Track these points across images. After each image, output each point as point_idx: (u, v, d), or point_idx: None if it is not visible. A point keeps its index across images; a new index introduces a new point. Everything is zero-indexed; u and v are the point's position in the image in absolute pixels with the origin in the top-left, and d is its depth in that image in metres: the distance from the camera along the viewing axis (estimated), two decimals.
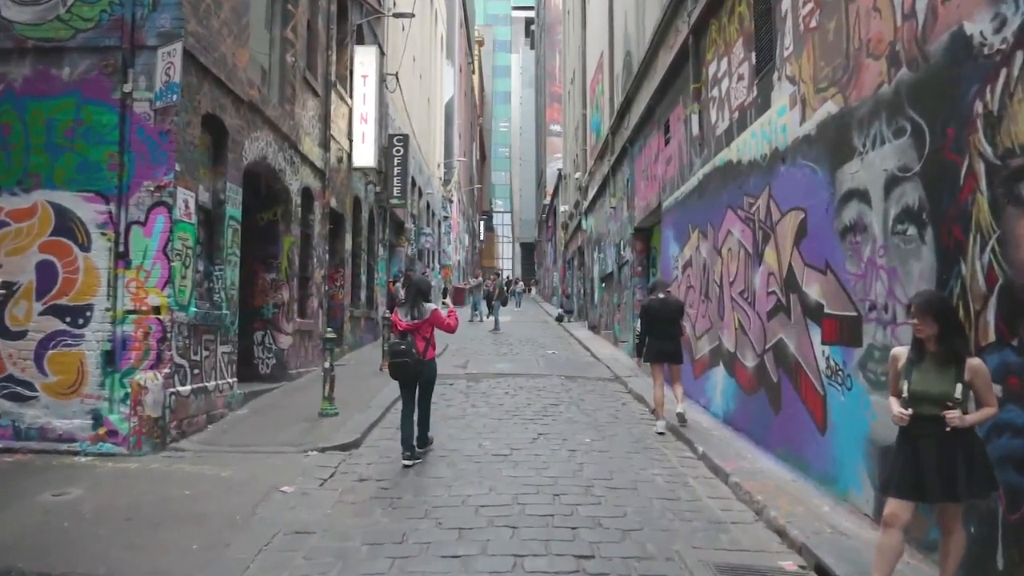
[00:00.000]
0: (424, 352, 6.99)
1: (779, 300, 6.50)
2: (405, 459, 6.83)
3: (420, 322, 7.00)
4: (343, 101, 14.19)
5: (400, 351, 6.97)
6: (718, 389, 8.42)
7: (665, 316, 7.98)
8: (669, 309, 8.02)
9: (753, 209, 7.22)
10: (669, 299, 8.17)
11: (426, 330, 7.05)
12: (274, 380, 10.57)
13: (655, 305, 8.06)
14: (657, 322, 7.98)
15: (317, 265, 12.47)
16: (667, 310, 8.00)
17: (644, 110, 12.55)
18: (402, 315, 7.14)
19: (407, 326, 7.04)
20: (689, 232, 9.78)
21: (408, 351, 6.89)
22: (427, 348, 7.02)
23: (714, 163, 8.59)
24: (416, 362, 6.91)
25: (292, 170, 10.96)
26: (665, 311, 7.99)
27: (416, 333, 7.02)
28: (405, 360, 6.94)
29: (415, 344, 6.93)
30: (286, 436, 7.44)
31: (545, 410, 9.05)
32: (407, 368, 6.92)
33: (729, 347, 8.01)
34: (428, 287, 7.31)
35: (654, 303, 8.09)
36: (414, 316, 7.02)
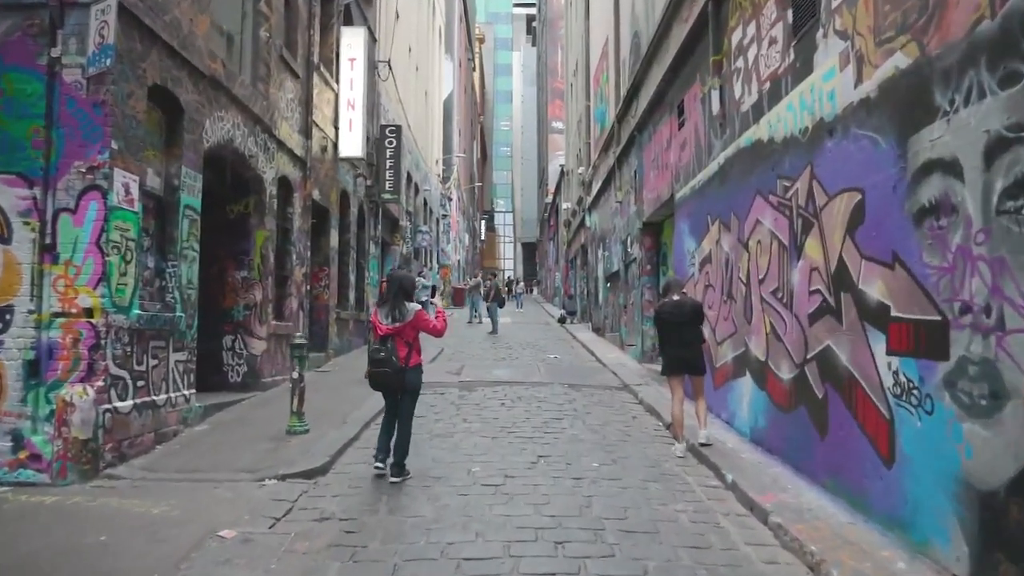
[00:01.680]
0: (407, 359, 6.02)
1: (825, 300, 5.42)
2: (377, 467, 6.00)
3: (402, 325, 6.00)
4: (328, 86, 13.14)
5: (379, 358, 6.00)
6: (744, 402, 7.35)
7: (681, 321, 6.92)
8: (685, 312, 6.96)
9: (789, 194, 6.14)
10: (685, 301, 7.11)
11: (409, 334, 6.05)
12: (245, 389, 9.51)
13: (669, 309, 7.01)
14: (673, 328, 6.93)
15: (297, 262, 11.42)
16: (683, 314, 6.95)
17: (654, 93, 11.47)
18: (382, 317, 6.14)
19: (387, 329, 6.04)
20: (708, 224, 8.71)
21: (387, 358, 5.94)
22: (410, 354, 6.05)
23: (738, 144, 7.52)
24: (397, 371, 5.95)
25: (266, 157, 9.91)
26: (681, 315, 6.94)
27: (398, 337, 6.04)
28: (384, 369, 5.97)
29: (396, 350, 5.99)
30: (244, 459, 6.38)
31: (546, 425, 7.98)
32: (386, 378, 5.98)
33: (758, 355, 6.93)
34: (411, 285, 6.28)
35: (668, 306, 7.04)
36: (395, 318, 6.02)
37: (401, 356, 6.00)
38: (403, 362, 6.01)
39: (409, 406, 6.17)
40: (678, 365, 6.95)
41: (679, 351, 6.91)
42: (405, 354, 6.02)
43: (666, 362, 7.03)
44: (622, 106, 14.91)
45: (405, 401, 6.16)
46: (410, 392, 6.13)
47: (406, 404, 6.16)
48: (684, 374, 6.99)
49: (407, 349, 6.04)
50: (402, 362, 6.01)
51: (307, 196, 11.78)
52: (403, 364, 6.01)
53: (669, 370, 7.01)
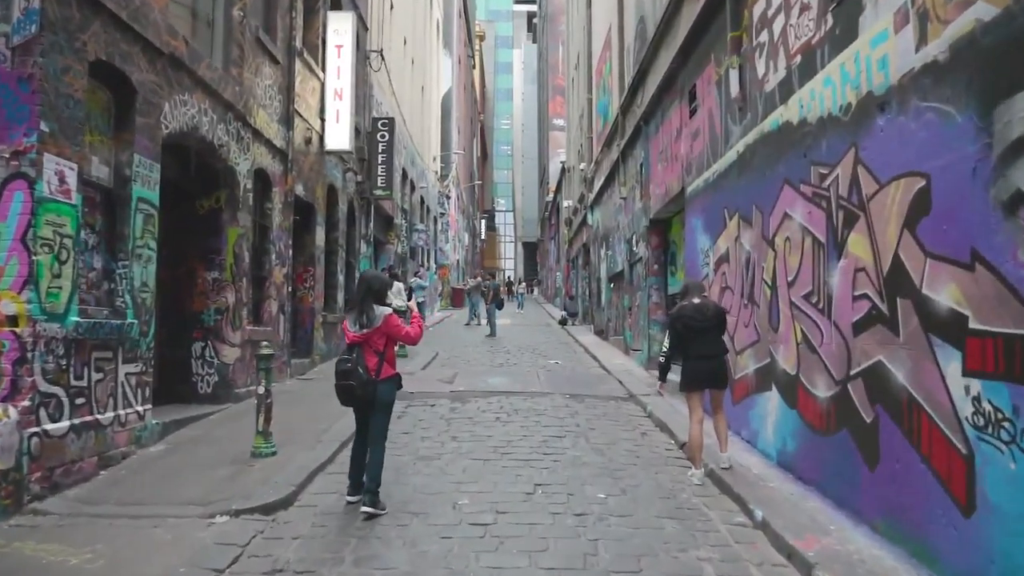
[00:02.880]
0: (377, 370, 5.24)
1: (874, 307, 4.57)
2: (349, 500, 5.27)
3: (370, 331, 5.21)
4: (312, 74, 12.29)
5: (344, 370, 5.25)
6: (769, 421, 6.49)
7: (704, 327, 6.08)
8: (708, 317, 6.12)
9: (827, 182, 5.29)
10: (707, 305, 6.26)
11: (378, 341, 5.27)
12: (216, 401, 8.67)
13: (690, 313, 6.15)
14: (694, 335, 6.09)
15: (277, 262, 10.57)
16: (706, 319, 6.11)
17: (663, 79, 10.61)
18: (350, 323, 5.35)
19: (355, 337, 5.28)
20: (725, 219, 7.86)
21: (354, 369, 5.19)
22: (380, 365, 5.26)
23: (761, 129, 6.67)
24: (364, 384, 5.18)
25: (239, 147, 9.06)
26: (704, 320, 6.10)
27: (366, 345, 5.26)
28: (349, 382, 5.21)
29: (364, 360, 5.22)
30: (196, 489, 5.53)
31: (545, 445, 7.13)
32: (353, 392, 5.22)
33: (787, 367, 6.08)
34: (382, 285, 5.46)
35: (688, 310, 6.18)
36: (362, 324, 5.25)
37: (370, 367, 5.21)
38: (372, 373, 5.21)
39: (381, 425, 5.36)
40: (699, 378, 6.10)
41: (700, 362, 6.07)
42: (375, 364, 5.23)
43: (685, 375, 6.18)
44: (626, 96, 14.05)
45: (376, 419, 5.35)
46: (381, 408, 5.32)
47: (377, 422, 5.35)
48: (705, 389, 6.14)
49: (377, 359, 5.24)
50: (371, 373, 5.21)
51: (288, 191, 10.93)
52: (372, 376, 5.21)
53: (689, 384, 6.16)
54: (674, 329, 6.22)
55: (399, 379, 5.44)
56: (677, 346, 6.18)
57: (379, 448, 5.32)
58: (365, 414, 5.41)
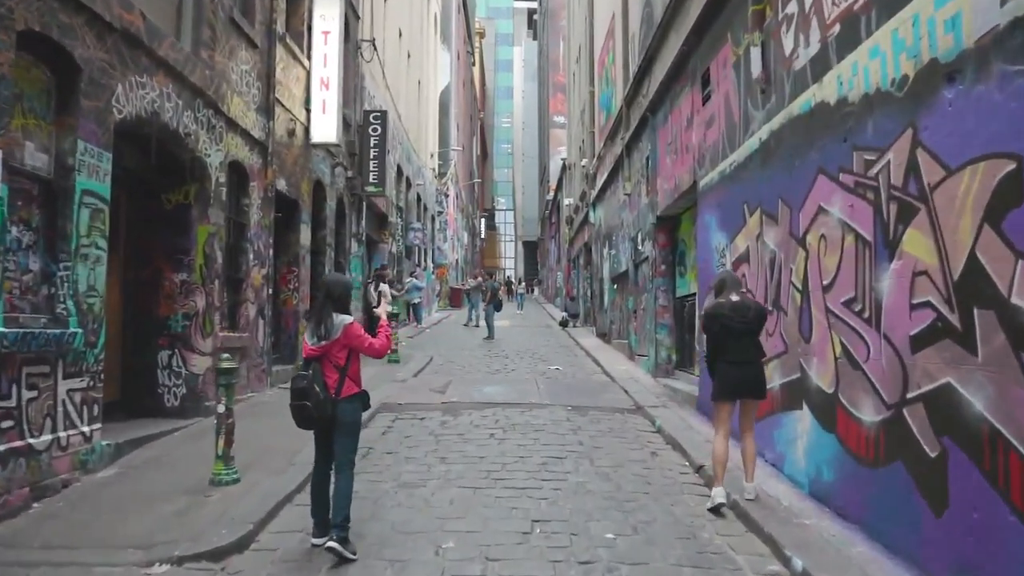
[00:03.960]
0: (337, 388, 4.50)
1: (940, 318, 3.79)
2: (314, 542, 4.51)
3: (329, 343, 4.49)
4: (297, 61, 11.51)
5: (299, 388, 4.49)
6: (799, 444, 5.71)
7: (744, 328, 5.26)
8: (749, 318, 5.28)
9: (874, 170, 4.51)
10: (747, 303, 5.39)
11: (339, 354, 4.54)
12: (184, 416, 7.89)
13: (728, 312, 5.28)
14: (732, 337, 5.25)
15: (255, 263, 9.79)
16: (746, 319, 5.27)
17: (672, 65, 9.83)
18: (308, 334, 4.59)
19: (312, 350, 4.54)
20: (744, 214, 7.07)
21: (310, 388, 4.43)
22: (341, 382, 4.52)
23: (789, 112, 5.89)
24: (321, 404, 4.43)
25: (210, 137, 8.28)
26: (744, 321, 5.26)
27: (325, 360, 4.52)
28: (303, 403, 4.46)
29: (322, 376, 4.48)
30: (139, 527, 4.75)
31: (544, 468, 6.35)
32: (307, 413, 4.47)
33: (821, 384, 5.29)
34: (344, 290, 4.72)
35: (726, 309, 5.30)
36: (320, 335, 4.50)
37: (329, 384, 4.48)
38: (332, 391, 4.48)
39: (346, 450, 4.62)
40: (734, 387, 5.28)
41: (735, 368, 5.25)
42: (335, 381, 4.49)
43: (718, 383, 5.34)
44: (631, 86, 13.27)
45: (340, 444, 4.61)
46: (344, 432, 4.57)
47: (342, 448, 4.61)
48: (738, 400, 5.35)
49: (337, 375, 4.51)
50: (331, 391, 4.48)
51: (268, 185, 10.15)
52: (332, 394, 4.47)
53: (722, 393, 5.33)
54: (710, 331, 5.38)
55: (365, 397, 4.68)
56: (715, 349, 5.36)
57: (346, 477, 4.57)
58: (327, 439, 4.66)
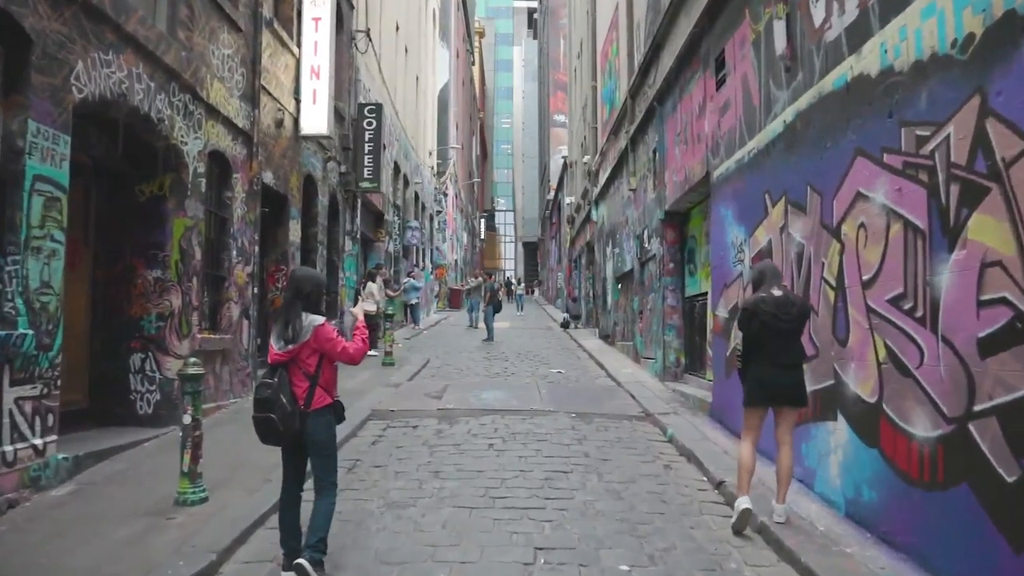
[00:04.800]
0: (307, 398, 3.91)
1: (1020, 316, 3.20)
2: (284, 569, 3.89)
3: (298, 347, 3.90)
4: (285, 48, 10.92)
5: (262, 398, 3.88)
6: (833, 459, 5.11)
7: (788, 327, 4.67)
8: (792, 316, 4.68)
9: (930, 147, 3.92)
10: (790, 300, 4.76)
11: (309, 360, 3.95)
12: (158, 424, 7.29)
13: (769, 308, 4.66)
14: (773, 337, 4.65)
15: (239, 260, 9.19)
16: (790, 317, 4.67)
17: (682, 49, 9.25)
18: (273, 337, 4.00)
19: (278, 355, 3.94)
20: (766, 205, 6.48)
21: (274, 399, 3.83)
22: (311, 391, 3.92)
23: (820, 89, 5.30)
24: (288, 417, 3.84)
25: (187, 124, 7.69)
26: (787, 318, 4.66)
27: (293, 366, 3.93)
28: (267, 415, 3.85)
29: (289, 385, 3.89)
30: (86, 558, 4.15)
31: (548, 484, 5.75)
32: (272, 428, 3.86)
33: (861, 393, 4.70)
34: (315, 286, 4.13)
35: (768, 304, 4.68)
36: (287, 338, 3.91)
37: (297, 394, 3.90)
38: (301, 403, 3.90)
39: (323, 469, 4.04)
40: (771, 393, 4.70)
41: (776, 372, 4.65)
42: (304, 391, 3.91)
43: (753, 387, 4.75)
44: (637, 77, 12.68)
45: (315, 463, 4.04)
46: (317, 450, 3.99)
47: (318, 467, 4.04)
48: (774, 407, 4.75)
49: (307, 384, 3.92)
50: (299, 403, 3.90)
51: (254, 178, 9.55)
52: (301, 406, 3.90)
53: (756, 399, 4.75)
54: (748, 329, 4.74)
55: (339, 409, 4.09)
56: (751, 350, 4.76)
57: (327, 498, 4.01)
58: (296, 456, 4.06)
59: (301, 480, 4.15)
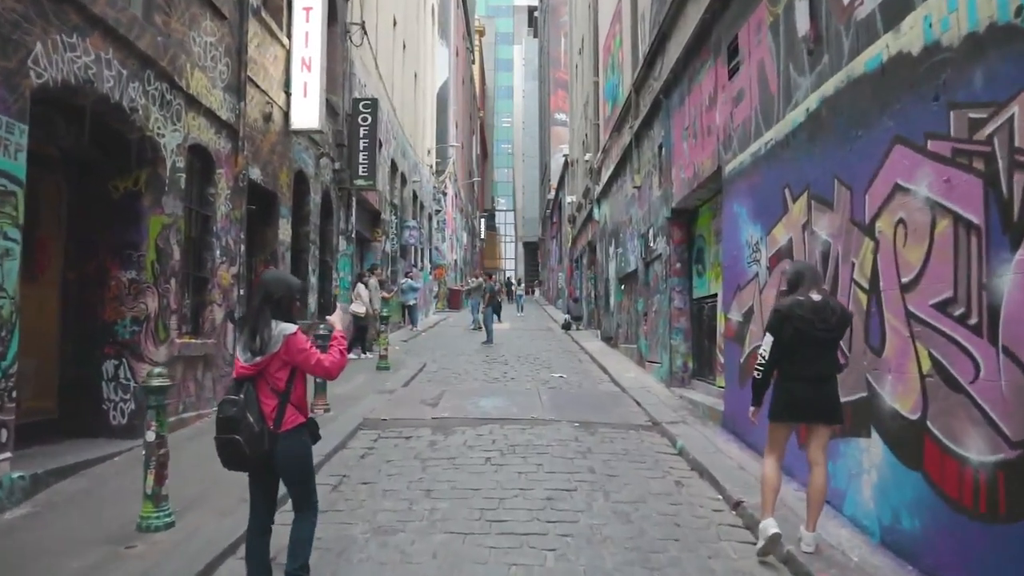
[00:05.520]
0: (276, 418, 3.43)
1: None
2: None
3: (264, 359, 3.42)
4: (275, 39, 10.44)
5: (226, 417, 3.40)
6: (866, 480, 4.62)
7: (826, 336, 4.17)
8: (829, 323, 4.16)
9: (986, 131, 3.44)
10: (830, 306, 4.22)
11: (278, 375, 3.47)
12: (133, 435, 6.76)
13: (806, 314, 4.15)
14: (808, 345, 4.16)
15: (223, 260, 8.71)
16: (828, 325, 4.16)
17: (691, 38, 8.77)
18: (239, 348, 3.52)
19: (244, 369, 3.46)
20: (786, 201, 6.00)
21: (239, 418, 3.35)
22: (282, 410, 3.45)
23: (850, 73, 4.82)
24: (255, 439, 3.36)
25: (165, 114, 7.20)
26: (826, 326, 4.15)
27: (261, 381, 3.45)
28: (231, 437, 3.36)
29: (257, 402, 3.40)
30: None
31: (550, 505, 5.26)
32: (237, 451, 3.37)
33: (900, 408, 4.21)
34: (287, 291, 3.65)
35: (805, 310, 4.17)
36: (254, 349, 3.43)
37: (266, 413, 3.42)
38: (270, 423, 3.42)
39: (300, 496, 3.59)
40: (802, 408, 4.22)
41: (809, 386, 4.17)
42: (273, 409, 3.43)
43: (781, 400, 4.26)
44: (642, 69, 12.19)
45: (291, 491, 3.57)
46: (292, 478, 3.54)
47: (295, 494, 3.59)
48: (804, 423, 4.28)
49: (276, 401, 3.44)
50: (268, 423, 3.42)
51: (239, 174, 9.06)
52: (270, 426, 3.42)
53: (784, 413, 4.26)
54: (777, 334, 4.23)
55: (313, 428, 3.61)
56: (779, 360, 4.26)
57: (306, 520, 3.60)
58: (264, 481, 3.59)
59: (272, 508, 3.68)
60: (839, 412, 4.26)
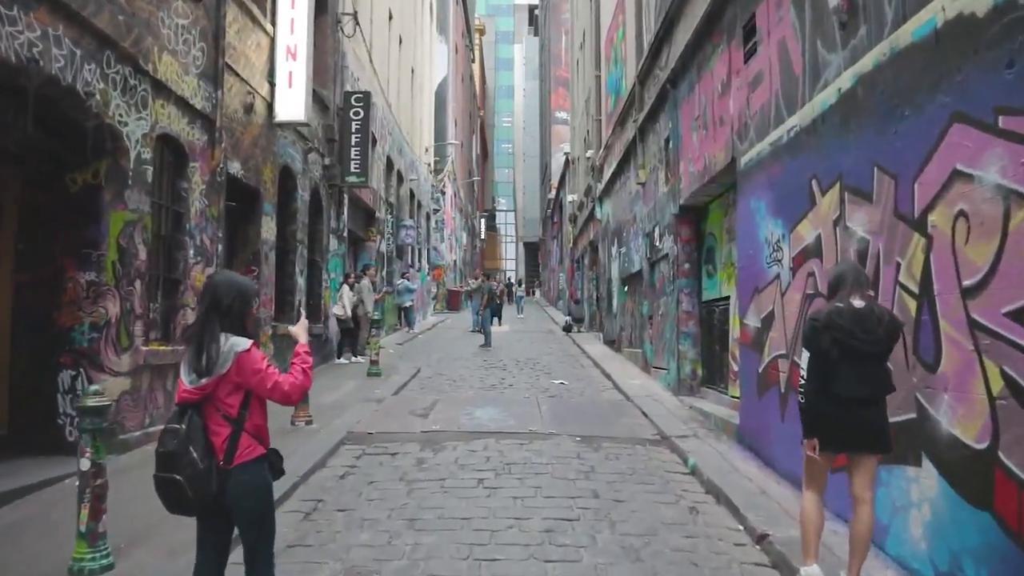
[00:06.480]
0: (228, 451, 2.81)
1: None
2: None
3: (213, 381, 2.80)
4: (258, 26, 9.83)
5: (166, 453, 2.76)
6: (916, 516, 3.98)
7: (873, 350, 3.51)
8: (875, 334, 3.50)
9: None
10: (875, 312, 3.58)
11: (229, 400, 2.85)
12: None
13: (846, 324, 3.50)
14: (845, 360, 3.50)
15: (197, 260, 8.08)
16: (873, 337, 3.50)
17: (702, 20, 8.14)
18: (183, 369, 2.87)
19: (188, 392, 2.83)
20: (813, 194, 5.36)
21: (180, 454, 2.73)
22: (235, 441, 2.82)
23: (894, 43, 4.19)
24: (200, 478, 2.74)
25: (127, 101, 6.58)
26: (868, 339, 3.49)
27: (210, 407, 2.83)
28: (171, 476, 2.73)
29: (204, 433, 2.79)
30: None
31: (550, 539, 4.62)
32: (178, 493, 2.75)
33: (961, 434, 3.58)
34: (239, 297, 3.01)
35: (841, 318, 3.53)
36: (200, 369, 2.81)
37: (215, 445, 2.81)
38: (220, 457, 2.80)
39: (257, 543, 2.95)
40: (845, 435, 3.57)
41: (852, 408, 3.52)
42: (224, 440, 2.81)
43: (819, 425, 3.60)
44: (647, 60, 11.56)
45: (244, 537, 2.95)
46: (246, 519, 2.91)
47: (249, 541, 2.96)
48: (847, 452, 3.64)
49: (229, 430, 2.82)
50: (218, 457, 2.80)
51: (217, 168, 8.43)
52: (220, 461, 2.80)
53: (826, 442, 3.60)
54: (817, 347, 3.57)
55: (275, 460, 2.99)
56: (826, 376, 3.57)
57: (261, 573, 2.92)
58: (215, 524, 2.96)
59: (224, 553, 3.05)
60: (888, 440, 3.63)
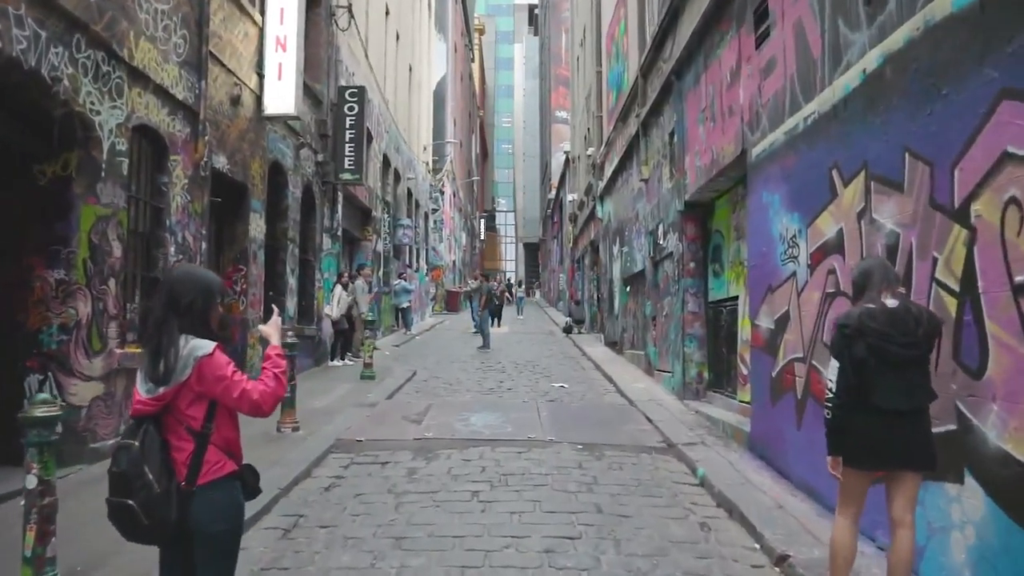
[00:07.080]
0: (192, 470, 2.40)
1: None
2: None
3: (172, 390, 2.40)
4: (245, 14, 9.43)
5: (119, 474, 2.34)
6: (958, 538, 3.58)
7: (909, 354, 3.14)
8: (914, 335, 3.14)
9: None
10: (909, 311, 3.21)
11: (191, 411, 2.44)
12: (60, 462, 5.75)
13: (879, 327, 3.13)
14: (881, 367, 3.13)
15: (177, 258, 7.67)
16: (911, 338, 3.13)
17: (709, 7, 7.74)
18: (140, 378, 2.46)
19: (144, 404, 2.42)
20: (834, 184, 4.96)
21: (133, 476, 2.30)
22: (199, 458, 2.42)
23: (928, 17, 3.79)
24: (156, 502, 2.32)
25: (100, 88, 6.18)
26: (905, 341, 3.12)
27: (171, 419, 2.43)
28: (123, 501, 2.31)
29: (161, 450, 2.37)
30: None
31: (548, 559, 4.22)
32: (132, 519, 2.32)
33: (1013, 449, 3.17)
34: (200, 294, 2.59)
35: (873, 320, 3.17)
36: (157, 377, 2.39)
37: (177, 461, 2.42)
38: (182, 477, 2.40)
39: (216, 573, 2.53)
40: (883, 451, 3.18)
41: (890, 422, 3.13)
42: (186, 457, 2.42)
43: (855, 441, 3.21)
44: (650, 52, 11.17)
45: (202, 567, 2.51)
46: (208, 547, 2.50)
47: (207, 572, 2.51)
48: (887, 470, 3.24)
49: (193, 446, 2.42)
50: (179, 477, 2.39)
51: (200, 161, 8.03)
52: (182, 482, 2.40)
53: (861, 458, 3.22)
54: (849, 353, 3.18)
55: (250, 478, 2.59)
56: (855, 387, 3.18)
57: None
58: (179, 552, 2.54)
59: None
60: (933, 454, 3.23)
